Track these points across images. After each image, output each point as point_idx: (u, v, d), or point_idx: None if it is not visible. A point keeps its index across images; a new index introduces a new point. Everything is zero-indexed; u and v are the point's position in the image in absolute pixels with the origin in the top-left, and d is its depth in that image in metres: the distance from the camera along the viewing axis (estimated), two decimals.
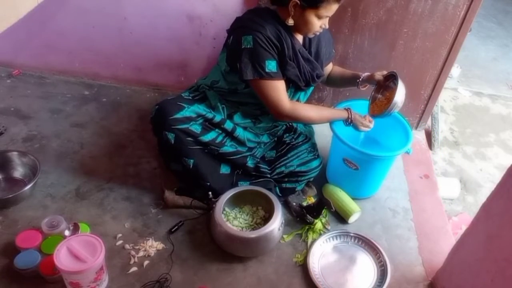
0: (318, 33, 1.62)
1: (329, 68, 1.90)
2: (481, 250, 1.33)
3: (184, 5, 2.14)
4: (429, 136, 2.40)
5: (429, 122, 2.42)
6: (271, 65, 1.55)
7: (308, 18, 1.52)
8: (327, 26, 1.59)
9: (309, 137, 1.90)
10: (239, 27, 1.57)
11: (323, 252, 1.66)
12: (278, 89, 1.59)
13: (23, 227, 1.59)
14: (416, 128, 2.39)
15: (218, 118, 1.68)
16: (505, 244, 1.20)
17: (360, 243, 1.70)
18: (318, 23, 1.54)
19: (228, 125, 1.70)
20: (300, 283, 1.55)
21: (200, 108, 1.67)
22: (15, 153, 1.82)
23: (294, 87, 1.71)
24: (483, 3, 1.92)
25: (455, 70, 3.14)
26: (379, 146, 1.98)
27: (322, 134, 2.04)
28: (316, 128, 2.00)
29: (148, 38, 2.27)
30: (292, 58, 1.61)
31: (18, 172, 1.81)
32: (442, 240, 1.77)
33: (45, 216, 1.56)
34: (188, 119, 1.62)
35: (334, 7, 1.51)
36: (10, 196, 1.65)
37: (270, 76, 1.55)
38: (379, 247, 1.66)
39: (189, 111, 1.63)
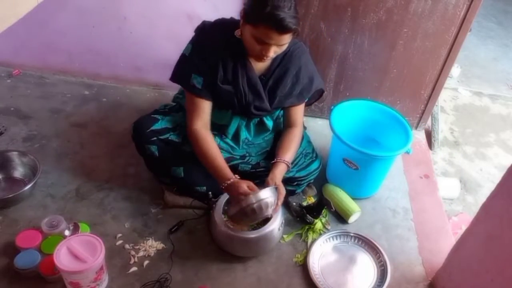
0: (263, 61, 1.44)
1: (292, 115, 1.65)
2: (481, 250, 1.33)
3: (184, 5, 2.14)
4: (429, 136, 2.40)
5: (429, 122, 2.42)
6: (196, 81, 1.50)
7: (246, 34, 1.36)
8: (270, 55, 1.37)
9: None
10: (196, 33, 1.56)
11: (323, 252, 1.66)
12: (196, 106, 1.52)
13: (23, 227, 1.59)
14: (416, 128, 2.38)
15: None
16: (505, 244, 1.20)
17: (360, 243, 1.70)
18: (257, 47, 1.35)
19: None
20: (300, 283, 1.55)
21: (176, 117, 1.68)
22: (15, 153, 1.82)
23: (231, 111, 1.60)
24: (483, 3, 1.92)
25: (455, 70, 3.14)
26: (379, 146, 1.98)
27: (322, 134, 2.04)
28: (316, 128, 2.01)
29: (148, 38, 2.27)
30: (230, 81, 1.51)
31: (18, 172, 1.81)
32: (442, 240, 1.77)
33: (45, 216, 1.56)
34: (166, 130, 1.64)
35: (274, 36, 1.30)
36: (10, 196, 1.64)
37: (192, 91, 1.52)
38: (379, 247, 1.66)
39: (164, 121, 1.65)
